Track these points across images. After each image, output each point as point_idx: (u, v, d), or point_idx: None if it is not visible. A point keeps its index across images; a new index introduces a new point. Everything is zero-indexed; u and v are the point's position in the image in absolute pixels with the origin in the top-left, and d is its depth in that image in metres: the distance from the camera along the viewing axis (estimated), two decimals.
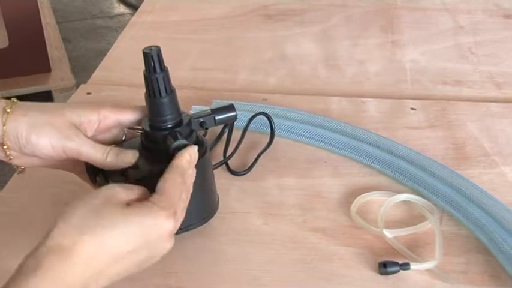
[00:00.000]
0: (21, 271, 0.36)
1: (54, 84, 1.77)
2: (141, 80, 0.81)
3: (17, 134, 0.46)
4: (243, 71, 0.84)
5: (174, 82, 0.81)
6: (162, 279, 0.50)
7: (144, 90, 0.48)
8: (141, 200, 0.42)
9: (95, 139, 0.48)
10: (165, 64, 0.47)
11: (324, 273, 0.51)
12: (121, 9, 2.65)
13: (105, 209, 0.40)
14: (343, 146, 0.64)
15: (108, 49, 0.92)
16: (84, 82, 0.82)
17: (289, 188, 0.60)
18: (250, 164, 0.63)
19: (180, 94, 0.78)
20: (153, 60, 0.45)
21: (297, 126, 0.67)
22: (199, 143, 0.50)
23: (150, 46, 0.45)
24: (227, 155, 0.64)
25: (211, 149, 0.65)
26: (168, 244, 0.42)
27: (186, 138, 0.47)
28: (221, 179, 0.61)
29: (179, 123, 0.48)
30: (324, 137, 0.65)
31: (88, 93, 0.78)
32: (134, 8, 2.34)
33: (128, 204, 0.41)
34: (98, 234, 0.38)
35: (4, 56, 1.71)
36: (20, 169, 0.50)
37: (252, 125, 0.67)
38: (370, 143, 0.64)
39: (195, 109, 0.70)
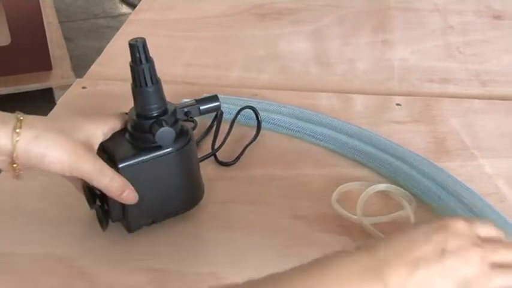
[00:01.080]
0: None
1: (55, 82, 1.81)
2: None
3: (28, 156, 0.46)
4: (236, 67, 0.87)
5: (168, 78, 0.84)
6: (145, 262, 0.53)
7: None
8: None
9: None
10: (152, 56, 0.50)
11: (303, 258, 0.53)
12: (123, 9, 2.69)
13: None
14: (327, 139, 0.67)
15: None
16: (81, 78, 0.85)
17: (274, 178, 0.63)
18: (237, 155, 0.66)
19: (172, 89, 0.81)
20: (138, 52, 0.48)
21: (284, 119, 0.70)
22: (184, 132, 0.53)
23: (136, 38, 0.49)
24: (215, 147, 0.67)
25: (200, 141, 0.68)
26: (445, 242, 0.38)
27: (170, 126, 0.50)
28: (209, 169, 0.64)
29: (164, 113, 0.51)
30: (310, 131, 0.68)
31: (83, 87, 0.81)
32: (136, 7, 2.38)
33: None
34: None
35: (6, 54, 1.75)
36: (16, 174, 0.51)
37: (241, 119, 0.70)
38: (353, 136, 0.67)
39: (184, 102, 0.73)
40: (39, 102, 1.87)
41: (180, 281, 0.51)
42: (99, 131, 0.50)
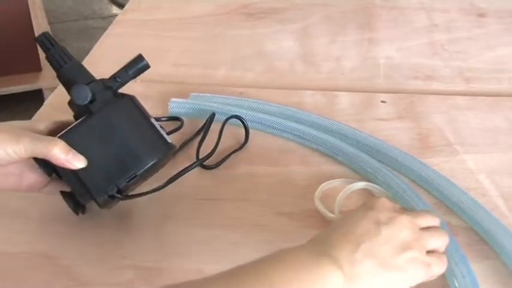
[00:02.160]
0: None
1: (45, 83, 1.80)
2: None
3: None
4: (222, 66, 0.87)
5: (155, 77, 0.85)
6: (130, 259, 0.53)
7: (128, 83, 0.54)
8: None
9: None
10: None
11: None
12: (113, 10, 2.68)
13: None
14: (311, 138, 0.67)
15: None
16: None
17: (258, 176, 0.63)
18: (221, 158, 0.65)
19: (160, 88, 0.82)
20: (43, 43, 0.53)
21: (270, 119, 0.70)
22: (119, 95, 0.55)
23: (40, 33, 0.54)
24: (200, 149, 0.67)
25: (188, 142, 0.68)
26: (393, 223, 0.44)
27: (93, 91, 0.53)
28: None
29: (92, 82, 0.54)
30: (295, 130, 0.68)
31: None
32: None
33: None
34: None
35: None
36: None
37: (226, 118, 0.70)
38: (337, 134, 0.67)
39: (173, 102, 0.74)
40: (29, 104, 1.86)
41: (166, 278, 0.52)
42: (39, 124, 0.53)
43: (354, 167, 0.63)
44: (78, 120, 0.53)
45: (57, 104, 0.78)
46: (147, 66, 0.56)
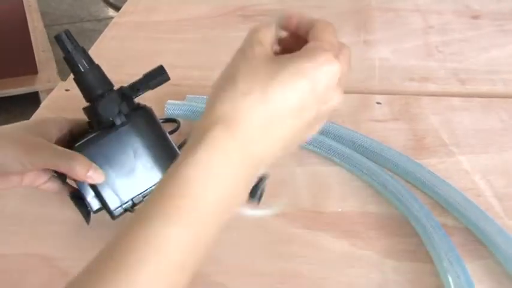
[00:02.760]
0: (187, 150, 0.34)
1: (41, 86, 1.80)
2: (119, 77, 0.85)
3: None
4: (219, 68, 0.87)
5: None
6: None
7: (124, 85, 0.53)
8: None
9: None
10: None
11: (283, 254, 0.54)
12: (109, 12, 2.68)
13: (261, 65, 0.35)
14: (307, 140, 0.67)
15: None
16: (64, 81, 0.85)
17: None
18: None
19: (156, 90, 0.82)
20: (65, 41, 0.49)
21: None
22: (140, 108, 0.54)
23: (61, 31, 0.50)
24: None
25: (185, 143, 0.68)
26: (336, 94, 0.37)
27: (119, 104, 0.51)
28: None
29: (110, 92, 0.52)
30: None
31: (66, 90, 0.81)
32: None
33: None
34: (261, 93, 0.34)
35: None
36: None
37: None
38: (333, 135, 0.68)
39: (170, 104, 0.74)
40: (25, 106, 1.86)
41: None
42: (53, 128, 0.50)
43: (350, 168, 0.64)
44: (97, 132, 0.51)
45: (53, 106, 0.78)
46: (167, 79, 0.54)
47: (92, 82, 0.51)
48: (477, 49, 0.90)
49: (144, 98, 0.78)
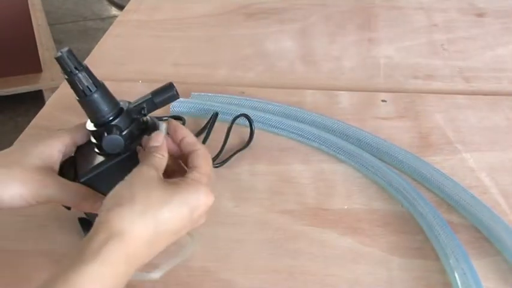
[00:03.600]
0: (80, 258, 0.37)
1: (45, 84, 1.80)
2: (125, 75, 0.86)
3: None
4: (223, 66, 0.87)
5: (156, 77, 0.85)
6: None
7: (128, 83, 0.50)
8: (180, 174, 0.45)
9: None
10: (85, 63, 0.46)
11: (289, 251, 0.54)
12: (112, 11, 2.68)
13: (154, 190, 0.42)
14: (312, 137, 0.67)
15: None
16: None
17: (260, 174, 0.64)
18: (226, 158, 0.65)
19: None
20: (66, 63, 0.44)
21: (271, 118, 0.70)
22: (150, 127, 0.50)
23: (60, 50, 0.45)
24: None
25: None
26: (204, 219, 0.45)
27: (127, 127, 0.48)
28: None
29: (119, 113, 0.48)
30: (296, 129, 0.69)
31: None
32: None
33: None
34: (153, 216, 0.40)
35: None
36: None
37: (228, 117, 0.71)
38: (339, 133, 0.67)
39: (175, 101, 0.73)
40: (30, 105, 1.87)
41: (171, 275, 0.52)
42: (55, 151, 0.48)
43: (355, 165, 0.64)
44: (102, 161, 0.48)
45: (58, 104, 0.78)
46: (176, 97, 0.51)
47: (97, 107, 0.46)
48: (482, 47, 0.90)
49: None
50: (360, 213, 0.58)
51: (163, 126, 0.49)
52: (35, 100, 1.81)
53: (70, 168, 0.50)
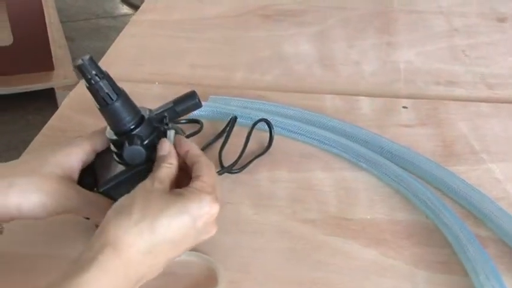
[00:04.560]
0: (76, 266, 0.37)
1: (57, 82, 1.79)
2: (141, 75, 0.84)
3: (8, 209, 0.44)
4: (240, 68, 0.86)
5: (173, 79, 0.84)
6: None
7: (144, 84, 0.49)
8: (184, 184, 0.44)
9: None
10: (104, 69, 0.45)
11: (312, 262, 0.52)
12: (124, 9, 2.68)
13: (154, 200, 0.41)
14: (333, 144, 0.65)
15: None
16: None
17: (280, 181, 0.62)
18: (245, 163, 0.64)
19: (178, 90, 0.80)
20: (88, 71, 0.43)
21: (291, 123, 0.68)
22: (162, 136, 0.48)
23: (81, 57, 0.43)
24: (222, 152, 0.65)
25: (209, 145, 0.67)
26: (213, 230, 0.44)
27: (148, 136, 0.46)
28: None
29: (140, 122, 0.46)
30: (316, 135, 0.67)
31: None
32: (137, 8, 2.37)
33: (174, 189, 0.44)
34: (150, 224, 0.40)
35: (8, 54, 1.74)
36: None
37: (246, 121, 0.69)
38: (360, 140, 0.66)
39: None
40: (42, 103, 1.86)
41: (189, 283, 0.50)
42: (75, 160, 0.47)
43: (378, 174, 0.62)
44: (121, 171, 0.47)
45: (74, 105, 0.76)
46: (198, 105, 0.49)
47: (118, 115, 0.45)
48: (504, 53, 0.88)
49: (165, 98, 0.76)
50: (383, 223, 0.56)
51: (171, 133, 0.48)
52: (47, 98, 1.80)
53: (89, 176, 0.48)
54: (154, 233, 0.40)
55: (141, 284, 0.41)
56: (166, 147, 0.46)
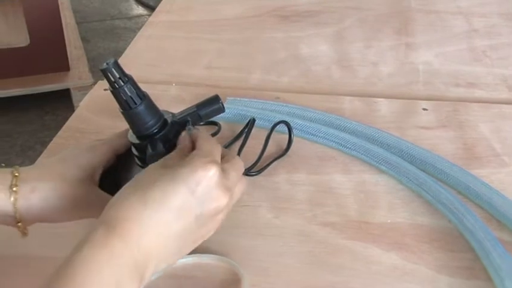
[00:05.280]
0: (74, 250, 0.36)
1: (73, 83, 1.81)
2: (158, 77, 0.84)
3: (31, 213, 0.44)
4: (257, 70, 0.86)
5: (189, 80, 0.84)
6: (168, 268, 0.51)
7: (161, 86, 0.49)
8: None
9: None
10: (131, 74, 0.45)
11: (332, 266, 0.52)
12: (139, 10, 2.69)
13: (146, 174, 0.40)
14: (352, 146, 0.65)
15: (126, 49, 0.94)
16: (102, 80, 0.84)
17: (299, 183, 0.61)
18: (264, 166, 0.63)
19: (194, 91, 0.80)
20: (112, 75, 0.43)
21: (309, 125, 0.68)
22: None
23: (106, 61, 0.43)
24: (240, 154, 0.65)
25: (227, 147, 0.67)
26: (222, 197, 0.41)
27: (171, 141, 0.46)
28: None
29: (163, 126, 0.46)
30: (335, 137, 0.66)
31: (105, 89, 0.79)
32: (152, 9, 2.37)
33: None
34: (142, 196, 0.38)
35: (25, 54, 1.76)
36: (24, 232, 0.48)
37: (264, 123, 0.69)
38: (380, 142, 0.65)
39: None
40: (57, 103, 1.87)
41: (211, 286, 0.50)
42: (97, 163, 0.47)
43: (398, 176, 0.61)
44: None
45: (91, 106, 0.77)
46: (221, 110, 0.49)
47: (141, 119, 0.45)
48: None
49: (182, 99, 0.77)
50: (404, 228, 0.56)
51: (190, 129, 0.47)
52: (63, 99, 1.81)
53: (109, 180, 0.48)
54: (146, 203, 0.38)
55: (155, 268, 0.39)
56: (183, 140, 0.45)
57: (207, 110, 0.49)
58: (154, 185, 0.39)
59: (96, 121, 0.73)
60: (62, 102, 1.82)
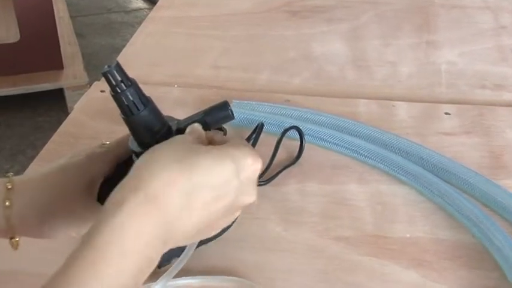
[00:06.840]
0: (103, 213, 0.36)
1: (67, 82, 1.82)
2: (159, 77, 0.85)
3: (27, 229, 0.45)
4: (265, 70, 0.86)
5: (192, 80, 0.84)
6: (171, 280, 0.52)
7: (162, 87, 0.49)
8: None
9: None
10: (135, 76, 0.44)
11: (346, 285, 0.52)
12: (138, 3, 2.71)
13: (193, 146, 0.40)
14: (368, 154, 0.65)
15: (124, 45, 0.95)
16: (98, 80, 0.85)
17: (311, 194, 0.62)
18: (273, 174, 0.64)
19: (198, 93, 0.81)
20: (114, 78, 0.42)
21: (322, 131, 0.68)
22: None
23: (108, 64, 0.43)
24: None
25: None
26: (254, 194, 0.41)
27: None
28: None
29: (167, 134, 0.46)
30: (350, 144, 0.67)
31: (102, 91, 0.80)
32: (152, 2, 2.40)
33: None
34: (191, 168, 0.38)
35: (15, 51, 1.77)
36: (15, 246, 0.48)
37: (273, 128, 0.69)
38: (398, 149, 0.65)
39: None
40: (51, 104, 1.89)
41: None
42: (97, 174, 0.48)
43: (418, 187, 0.61)
44: None
45: (86, 109, 0.78)
46: (230, 117, 0.48)
47: (144, 126, 0.45)
48: None
49: (185, 102, 0.77)
50: (425, 243, 0.56)
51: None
52: (56, 99, 1.83)
53: (107, 189, 0.49)
54: (192, 174, 0.37)
55: (173, 240, 0.39)
56: (194, 126, 0.45)
57: (214, 118, 0.48)
58: (202, 156, 0.38)
59: (92, 125, 0.73)
60: (55, 103, 1.84)
